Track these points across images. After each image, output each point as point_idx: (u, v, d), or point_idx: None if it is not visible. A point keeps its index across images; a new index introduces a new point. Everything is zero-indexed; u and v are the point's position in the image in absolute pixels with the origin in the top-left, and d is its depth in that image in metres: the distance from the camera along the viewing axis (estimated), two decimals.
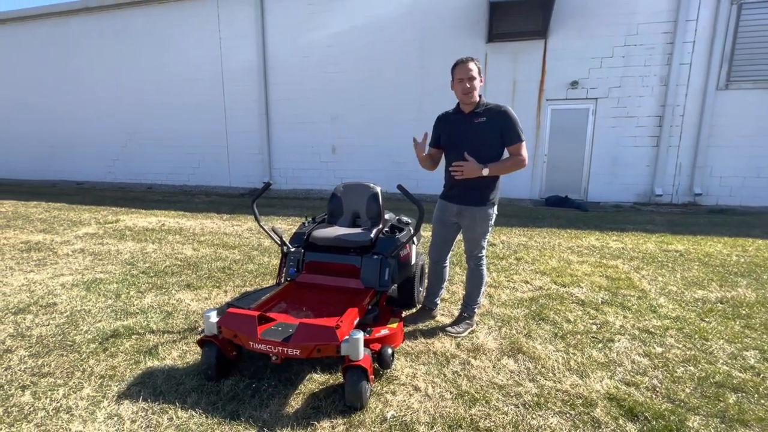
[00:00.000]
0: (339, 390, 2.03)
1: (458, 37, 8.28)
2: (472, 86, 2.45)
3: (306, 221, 3.10)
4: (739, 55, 7.33)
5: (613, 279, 3.64)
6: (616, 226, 5.89)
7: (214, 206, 7.50)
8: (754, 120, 7.47)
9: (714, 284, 3.53)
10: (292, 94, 9.29)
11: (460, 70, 2.47)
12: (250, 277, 3.70)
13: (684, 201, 7.97)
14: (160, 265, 4.04)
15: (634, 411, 1.88)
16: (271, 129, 9.64)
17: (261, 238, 5.10)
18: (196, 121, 9.97)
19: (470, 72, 2.44)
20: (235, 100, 9.66)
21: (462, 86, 2.46)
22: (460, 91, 2.48)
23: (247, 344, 1.98)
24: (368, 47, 8.72)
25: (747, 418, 1.83)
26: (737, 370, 2.23)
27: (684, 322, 2.79)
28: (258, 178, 9.80)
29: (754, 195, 7.65)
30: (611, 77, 7.87)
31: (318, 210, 7.18)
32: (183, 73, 9.83)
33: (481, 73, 2.49)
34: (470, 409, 1.91)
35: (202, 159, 10.10)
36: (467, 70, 2.44)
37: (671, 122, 7.77)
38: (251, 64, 9.38)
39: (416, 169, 8.68)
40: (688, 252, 4.51)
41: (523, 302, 3.15)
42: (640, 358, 2.36)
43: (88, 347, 2.46)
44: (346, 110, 9.11)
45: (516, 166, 2.48)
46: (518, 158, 2.46)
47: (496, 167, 2.45)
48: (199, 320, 2.83)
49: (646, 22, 7.54)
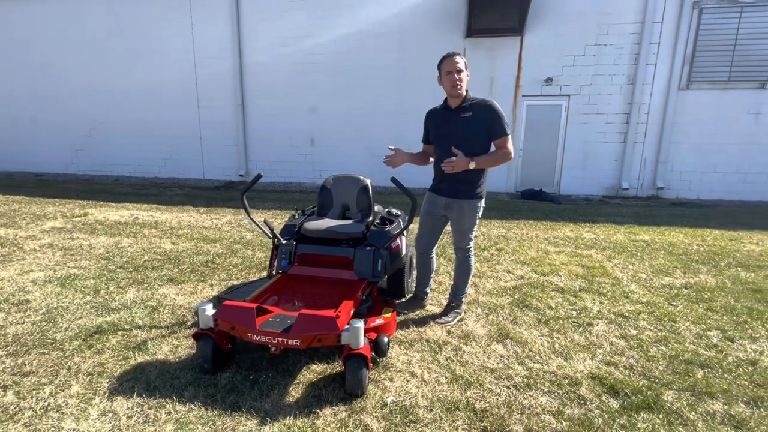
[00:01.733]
0: (338, 378, 2.07)
1: (437, 31, 8.34)
2: (460, 78, 2.50)
3: (296, 214, 3.09)
4: (699, 57, 7.79)
5: (588, 268, 3.84)
6: (588, 218, 6.18)
7: (189, 199, 7.28)
8: (711, 119, 7.98)
9: (678, 271, 3.79)
10: (269, 84, 9.09)
11: (447, 64, 2.51)
12: (235, 271, 3.65)
13: (648, 194, 8.45)
14: (139, 259, 3.90)
15: (615, 388, 2.02)
16: (247, 120, 9.41)
17: (242, 232, 5.01)
18: (166, 111, 9.58)
19: (457, 65, 2.48)
20: (209, 90, 9.35)
21: (450, 79, 2.50)
22: (449, 84, 2.53)
23: (245, 336, 1.98)
24: (347, 39, 8.64)
25: (713, 390, 2.02)
26: (703, 348, 2.44)
27: (654, 307, 3.00)
28: (234, 170, 9.57)
29: (710, 189, 8.20)
30: (583, 75, 8.18)
31: (298, 203, 7.12)
32: (152, 59, 9.39)
33: (467, 67, 2.55)
34: (465, 392, 2.00)
35: (174, 150, 9.73)
36: (454, 63, 2.49)
37: (637, 119, 8.18)
38: (225, 53, 9.09)
39: None
40: (653, 242, 4.81)
41: (507, 291, 3.28)
42: (617, 340, 2.53)
43: (71, 344, 2.37)
44: (324, 102, 9.01)
45: (502, 159, 2.56)
46: (504, 151, 2.55)
47: (482, 160, 2.52)
48: (187, 315, 2.78)
49: (616, 22, 7.86)
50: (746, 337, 2.56)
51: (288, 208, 6.68)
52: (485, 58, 8.35)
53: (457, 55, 2.52)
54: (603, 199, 8.22)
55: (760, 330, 2.66)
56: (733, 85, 7.81)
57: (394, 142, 10.14)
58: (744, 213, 6.79)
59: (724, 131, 7.99)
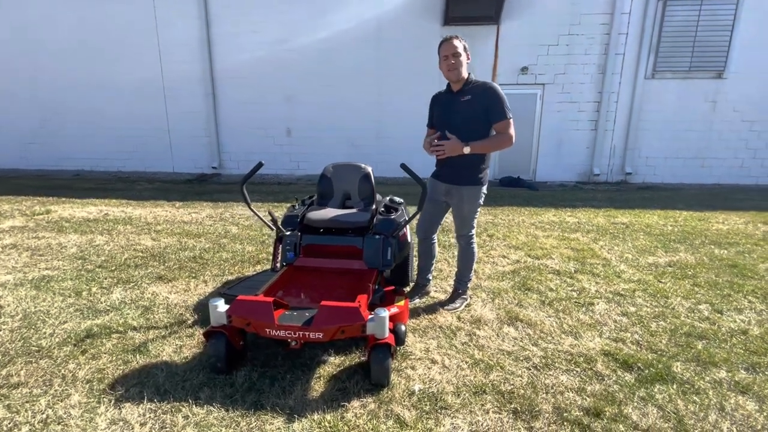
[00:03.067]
0: (359, 370, 2.02)
1: (415, 18, 8.27)
2: (457, 62, 2.45)
3: (295, 204, 2.98)
4: (663, 48, 8.17)
5: (578, 250, 3.97)
6: (567, 203, 6.40)
7: (161, 193, 6.89)
8: (674, 107, 8.43)
9: (660, 251, 4.00)
10: (241, 72, 8.69)
11: (445, 48, 2.46)
12: (227, 266, 3.49)
13: (617, 179, 8.85)
14: (119, 257, 3.65)
15: (627, 363, 2.10)
16: (218, 110, 8.98)
17: (227, 225, 4.80)
18: (129, 100, 8.96)
19: (455, 48, 2.43)
20: (176, 78, 8.82)
21: (447, 63, 2.46)
22: (446, 68, 2.49)
23: (262, 332, 1.88)
24: (324, 26, 8.39)
25: (716, 359, 2.14)
26: (697, 321, 2.58)
27: (646, 284, 3.14)
28: (206, 162, 9.14)
29: (673, 173, 8.71)
30: (557, 64, 8.38)
31: (278, 195, 6.91)
32: (111, 44, 8.73)
33: (467, 50, 2.50)
34: (488, 376, 2.01)
35: (139, 142, 9.15)
36: (452, 47, 2.43)
37: (607, 108, 8.51)
38: (192, 39, 8.59)
39: (376, 152, 8.71)
40: (632, 224, 5.05)
41: (506, 275, 3.33)
42: (619, 317, 2.63)
43: (60, 351, 2.18)
44: (301, 91, 8.74)
45: (501, 144, 2.53)
46: (504, 136, 2.49)
47: (478, 145, 2.46)
48: (185, 313, 2.62)
49: (587, 12, 8.09)
50: (733, 309, 2.74)
51: (268, 200, 6.47)
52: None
53: (454, 38, 2.46)
54: (577, 185, 8.53)
55: (743, 302, 2.85)
56: (693, 74, 8.27)
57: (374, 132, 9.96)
58: (704, 195, 7.26)
59: (685, 119, 8.46)
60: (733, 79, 8.23)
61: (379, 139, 8.82)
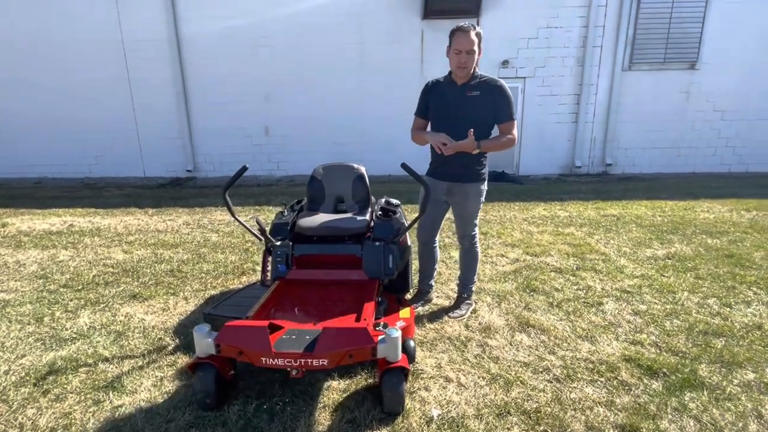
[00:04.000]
0: (367, 395, 1.82)
1: (395, 11, 8.06)
2: (469, 60, 2.26)
3: (284, 210, 2.73)
4: (638, 40, 8.27)
5: (575, 245, 3.88)
6: (555, 196, 6.36)
7: (132, 200, 6.43)
8: (650, 98, 8.56)
9: (655, 243, 3.96)
10: (215, 70, 8.25)
11: (459, 40, 2.22)
12: (209, 279, 3.20)
13: (598, 171, 8.94)
14: (86, 275, 3.30)
15: (652, 369, 1.99)
16: (191, 110, 8.51)
17: (206, 233, 4.48)
18: (92, 102, 8.36)
19: (471, 45, 2.21)
20: (143, 77, 8.29)
21: (458, 59, 2.25)
22: (456, 63, 2.29)
23: (257, 361, 1.64)
24: (300, 21, 8.05)
25: (739, 359, 2.05)
26: (709, 317, 2.51)
27: (650, 280, 3.07)
28: (180, 166, 8.66)
29: (651, 163, 8.86)
30: (537, 57, 8.36)
31: (259, 198, 6.59)
32: (69, 41, 8.10)
33: (481, 44, 2.31)
34: (510, 393, 1.84)
35: (106, 146, 8.56)
36: (469, 42, 2.20)
37: (587, 100, 8.56)
38: (159, 34, 8.07)
39: (359, 150, 8.47)
40: (622, 216, 5.03)
41: (508, 275, 3.20)
42: (631, 317, 2.53)
43: (17, 393, 1.87)
44: (278, 89, 8.39)
45: (507, 144, 2.40)
46: (509, 137, 2.38)
47: (487, 145, 2.33)
48: (164, 337, 2.34)
49: (565, 5, 8.08)
50: (740, 302, 2.68)
51: (248, 203, 6.15)
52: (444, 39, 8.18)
53: (471, 31, 2.20)
54: (560, 178, 8.56)
55: (749, 293, 2.81)
56: (668, 66, 8.42)
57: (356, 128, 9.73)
58: (683, 184, 7.40)
59: (660, 110, 8.61)
60: (705, 70, 8.42)
61: (361, 136, 8.58)
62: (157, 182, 8.22)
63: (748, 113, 8.64)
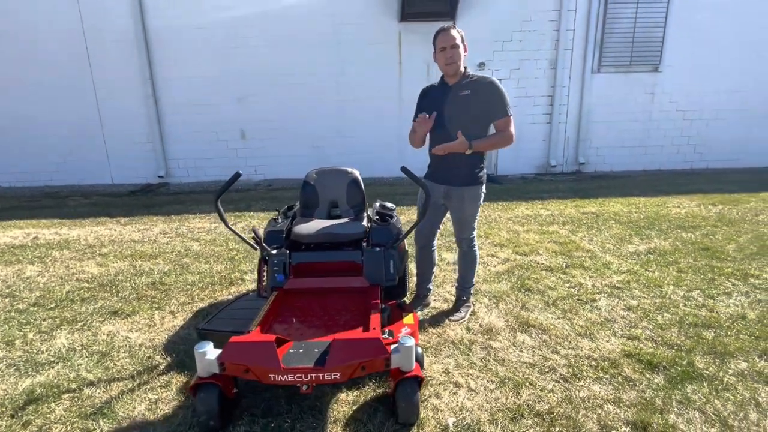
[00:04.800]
0: (378, 407, 1.77)
1: (371, 14, 8.03)
2: (455, 54, 2.28)
3: (277, 217, 2.63)
4: (606, 44, 8.61)
5: (561, 243, 3.97)
6: (535, 195, 6.51)
7: (101, 209, 6.08)
8: (618, 99, 8.93)
9: (635, 238, 4.11)
10: (187, 71, 7.95)
11: (441, 39, 2.29)
12: (195, 291, 3.05)
13: (572, 170, 9.24)
14: (58, 291, 3.07)
15: (652, 363, 2.04)
16: (161, 112, 8.15)
17: (186, 242, 4.28)
18: (53, 104, 7.86)
19: (453, 40, 2.27)
20: (108, 78, 7.87)
21: (444, 55, 2.29)
22: (443, 60, 2.31)
23: (266, 378, 1.56)
24: (275, 21, 7.89)
25: (730, 349, 2.14)
26: (695, 309, 2.61)
27: (637, 275, 3.17)
28: (151, 171, 8.27)
29: (620, 162, 9.24)
30: (512, 60, 8.55)
31: (238, 204, 6.38)
32: (23, 34, 7.57)
33: (464, 41, 2.34)
34: (520, 395, 1.84)
35: (68, 152, 8.07)
36: (449, 37, 2.26)
37: (560, 101, 8.83)
38: (126, 35, 7.69)
39: (339, 153, 8.39)
40: (601, 213, 5.20)
41: (501, 276, 3.22)
42: (625, 312, 2.60)
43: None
44: (254, 91, 8.17)
45: (503, 142, 2.41)
46: (505, 134, 2.38)
47: (480, 144, 2.32)
48: (154, 356, 2.20)
49: (538, 9, 8.31)
50: (722, 293, 2.82)
51: (228, 210, 5.93)
52: (421, 42, 8.25)
53: (451, 28, 2.29)
54: (537, 177, 8.79)
55: (728, 284, 2.95)
56: (634, 68, 8.81)
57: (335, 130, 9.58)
58: (652, 181, 7.76)
59: (628, 110, 9.00)
60: (667, 73, 8.87)
61: (341, 138, 8.49)
62: (127, 189, 7.82)
63: (705, 113, 9.18)
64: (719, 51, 8.81)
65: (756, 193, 6.05)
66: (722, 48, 8.76)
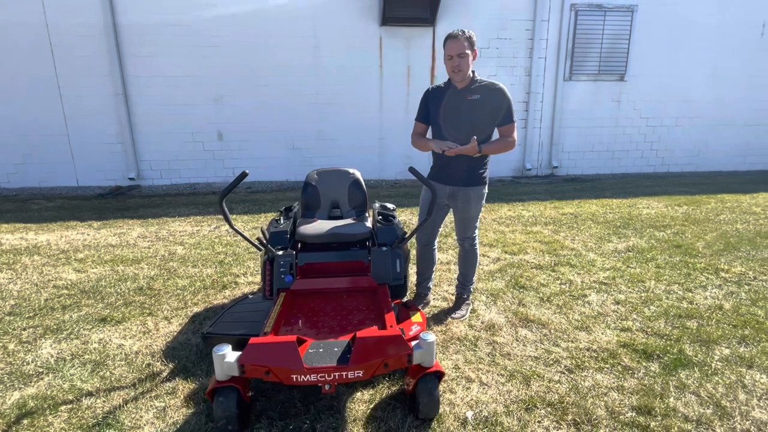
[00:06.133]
0: (396, 403, 1.78)
1: (352, 16, 8.06)
2: (462, 63, 2.34)
3: (279, 218, 2.59)
4: (577, 53, 9.05)
5: (546, 243, 4.13)
6: (515, 197, 6.72)
7: (69, 213, 5.74)
8: (588, 106, 9.39)
9: (614, 237, 4.34)
10: (160, 69, 7.66)
11: (450, 46, 2.34)
12: (187, 295, 2.95)
13: (546, 173, 9.61)
14: (35, 299, 2.88)
15: (647, 352, 2.17)
16: (132, 112, 7.80)
17: (169, 245, 4.12)
18: (9, 100, 7.36)
19: (462, 49, 2.31)
20: (74, 75, 7.45)
21: (451, 64, 2.34)
22: (450, 68, 2.38)
23: (288, 379, 1.54)
24: (254, 20, 7.75)
25: (713, 337, 2.31)
26: (677, 302, 2.79)
27: (620, 271, 3.35)
28: (121, 173, 7.89)
29: (590, 165, 9.71)
30: (489, 66, 8.79)
31: (216, 206, 6.20)
32: None
33: (474, 46, 2.41)
34: (530, 387, 1.91)
35: (27, 153, 7.56)
36: (458, 46, 2.30)
37: (534, 107, 9.18)
38: (94, 29, 7.33)
39: (318, 155, 8.33)
40: (578, 214, 5.45)
41: (495, 274, 3.31)
42: (615, 306, 2.74)
43: None
44: (232, 91, 7.98)
45: (506, 147, 2.50)
46: (509, 140, 2.47)
47: (488, 148, 2.41)
48: (155, 363, 2.11)
49: (513, 19, 8.63)
50: (698, 287, 3.03)
51: (208, 213, 5.77)
52: (402, 46, 8.37)
53: (460, 35, 2.32)
54: (513, 180, 9.07)
55: (702, 278, 3.17)
56: (602, 77, 9.30)
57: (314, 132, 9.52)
58: (621, 184, 8.20)
59: (596, 116, 9.48)
60: (632, 82, 9.42)
61: (320, 141, 8.43)
62: (95, 192, 7.42)
63: (665, 120, 9.83)
64: (678, 63, 9.47)
65: (714, 195, 6.53)
66: (680, 60, 9.41)
